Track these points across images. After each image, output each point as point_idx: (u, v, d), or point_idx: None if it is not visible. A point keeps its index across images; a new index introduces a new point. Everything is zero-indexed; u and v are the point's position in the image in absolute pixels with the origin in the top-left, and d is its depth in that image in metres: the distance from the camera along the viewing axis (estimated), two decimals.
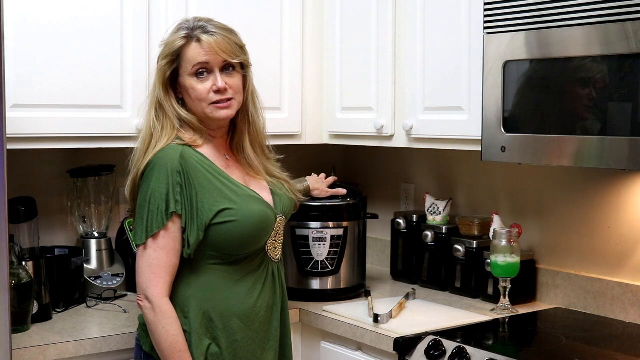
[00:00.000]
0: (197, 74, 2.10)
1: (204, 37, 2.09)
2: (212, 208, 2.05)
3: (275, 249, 2.20)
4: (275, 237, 2.19)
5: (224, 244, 2.07)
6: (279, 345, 2.22)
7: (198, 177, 2.06)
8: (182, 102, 2.15)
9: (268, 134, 2.88)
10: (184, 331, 2.05)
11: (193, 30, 2.10)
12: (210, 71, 2.11)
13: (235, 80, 2.14)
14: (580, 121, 2.17)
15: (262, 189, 2.21)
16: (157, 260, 2.02)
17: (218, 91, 2.10)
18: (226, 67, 2.13)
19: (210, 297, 2.08)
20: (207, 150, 2.14)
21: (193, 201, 2.04)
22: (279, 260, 2.22)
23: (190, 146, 2.10)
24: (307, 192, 2.71)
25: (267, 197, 2.20)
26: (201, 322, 2.06)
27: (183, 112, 2.13)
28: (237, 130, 2.23)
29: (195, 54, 2.09)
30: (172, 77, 2.13)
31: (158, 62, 2.15)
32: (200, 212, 2.04)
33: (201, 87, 2.10)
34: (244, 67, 2.18)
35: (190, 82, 2.11)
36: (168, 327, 2.02)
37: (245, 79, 2.20)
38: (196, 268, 2.08)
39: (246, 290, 2.11)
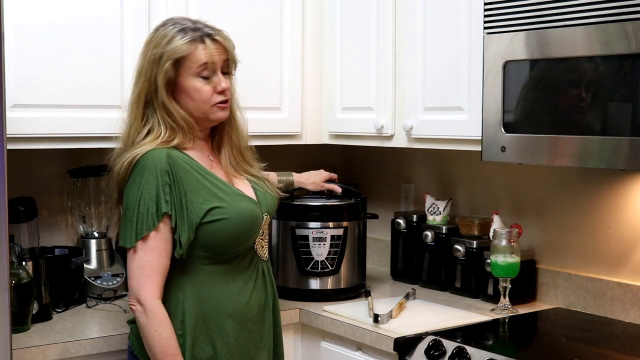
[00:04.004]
0: (201, 75, 2.08)
1: (215, 37, 2.09)
2: (202, 207, 2.04)
3: (263, 247, 2.19)
4: (262, 235, 2.18)
5: (216, 243, 2.06)
6: (272, 343, 2.22)
7: (186, 176, 2.04)
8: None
9: (268, 134, 2.91)
10: (179, 335, 2.03)
11: (195, 32, 2.08)
12: (212, 72, 2.09)
13: (229, 82, 2.16)
14: (580, 121, 2.17)
15: (246, 188, 2.20)
16: (149, 262, 2.01)
17: (221, 92, 2.11)
18: (223, 69, 2.13)
19: (203, 298, 2.07)
20: (192, 152, 2.12)
21: (182, 201, 2.03)
22: (267, 259, 2.22)
23: (176, 148, 2.08)
24: (290, 186, 2.71)
25: (252, 196, 2.20)
26: (196, 325, 2.06)
27: (184, 114, 2.09)
28: (221, 132, 2.22)
29: (201, 54, 2.07)
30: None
31: (157, 62, 2.06)
32: (190, 211, 2.03)
33: (206, 89, 2.09)
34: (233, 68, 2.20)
35: (193, 83, 2.09)
36: (160, 330, 2.00)
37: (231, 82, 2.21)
38: (188, 270, 2.07)
39: (238, 290, 2.11)
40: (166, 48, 2.06)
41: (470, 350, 2.16)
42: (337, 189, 2.81)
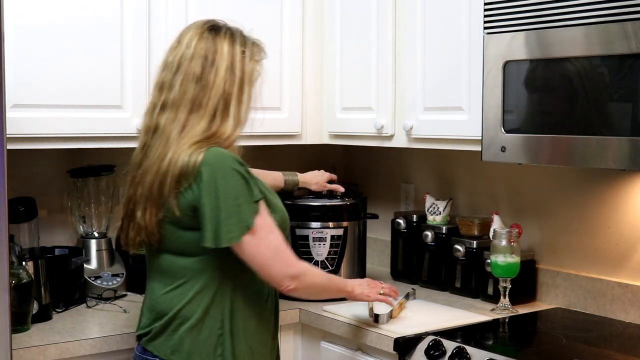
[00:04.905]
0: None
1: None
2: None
3: None
4: None
5: None
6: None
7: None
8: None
9: (268, 134, 2.93)
10: (219, 334, 2.00)
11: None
12: None
13: None
14: (580, 121, 2.17)
15: None
16: (278, 238, 1.99)
17: None
18: None
19: (241, 300, 2.04)
20: None
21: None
22: None
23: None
24: (296, 186, 2.76)
25: None
26: (234, 325, 2.02)
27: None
28: None
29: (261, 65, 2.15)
30: None
31: (245, 58, 2.08)
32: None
33: None
34: None
35: (253, 91, 2.12)
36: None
37: None
38: (228, 273, 2.02)
39: (267, 289, 2.11)
40: (250, 48, 2.10)
41: (470, 350, 2.16)
42: (340, 188, 2.85)
